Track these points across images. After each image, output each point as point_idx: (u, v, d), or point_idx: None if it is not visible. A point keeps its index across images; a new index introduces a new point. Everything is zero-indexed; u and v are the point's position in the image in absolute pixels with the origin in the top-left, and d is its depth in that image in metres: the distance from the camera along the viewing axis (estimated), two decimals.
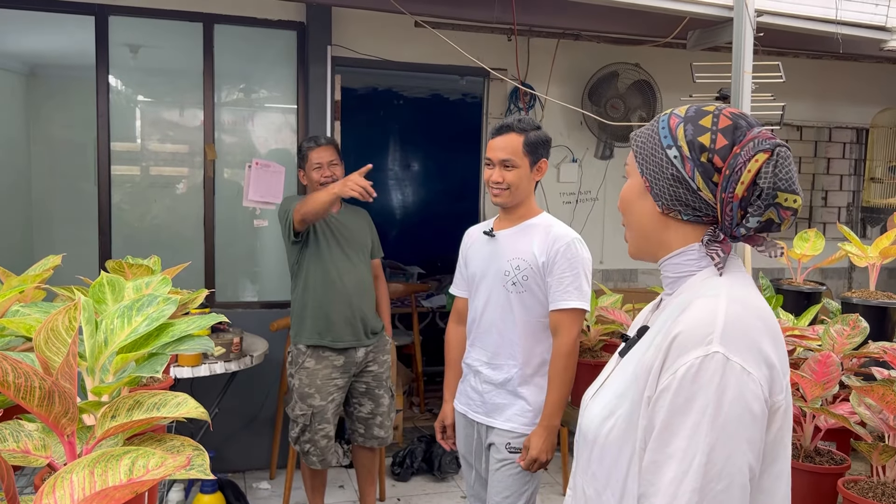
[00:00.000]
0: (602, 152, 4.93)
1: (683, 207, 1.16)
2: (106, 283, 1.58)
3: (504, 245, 2.38)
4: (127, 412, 1.15)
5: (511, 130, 2.33)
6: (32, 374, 0.98)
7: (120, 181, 4.11)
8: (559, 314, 2.30)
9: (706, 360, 1.02)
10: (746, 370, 1.03)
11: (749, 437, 1.02)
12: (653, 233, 1.22)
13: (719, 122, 1.14)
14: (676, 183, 1.15)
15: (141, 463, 0.91)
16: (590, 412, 1.23)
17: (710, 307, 1.08)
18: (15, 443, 1.08)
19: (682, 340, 1.06)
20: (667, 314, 1.16)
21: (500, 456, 2.34)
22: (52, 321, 1.11)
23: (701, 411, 1.01)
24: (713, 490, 1.00)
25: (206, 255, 4.17)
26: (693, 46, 4.00)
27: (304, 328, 3.28)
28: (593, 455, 1.19)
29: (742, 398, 1.01)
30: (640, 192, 1.21)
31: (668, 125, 1.17)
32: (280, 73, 4.30)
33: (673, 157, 1.15)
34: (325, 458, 3.32)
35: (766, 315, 1.12)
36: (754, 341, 1.06)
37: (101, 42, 3.95)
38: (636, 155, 1.22)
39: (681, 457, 1.01)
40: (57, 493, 0.84)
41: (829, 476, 1.86)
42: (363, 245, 3.40)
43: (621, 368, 1.22)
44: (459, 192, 7.00)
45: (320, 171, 3.28)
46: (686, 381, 1.03)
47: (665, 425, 1.04)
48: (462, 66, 4.32)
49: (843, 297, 2.90)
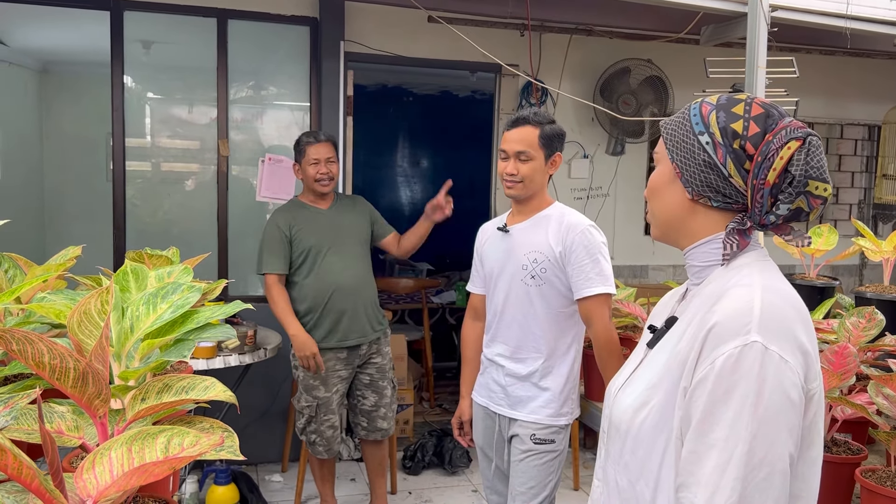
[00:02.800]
0: (613, 148, 4.93)
1: (714, 194, 1.16)
2: (130, 272, 1.60)
3: (519, 239, 2.38)
4: (157, 395, 1.16)
5: (527, 123, 2.32)
6: (68, 355, 1.00)
7: (133, 177, 4.13)
8: (587, 302, 2.29)
9: (745, 349, 1.03)
10: (784, 359, 1.03)
11: (789, 425, 1.03)
12: (680, 220, 1.22)
13: (752, 110, 1.14)
14: (708, 169, 1.15)
15: (176, 441, 0.93)
16: (621, 403, 1.23)
17: (746, 297, 1.09)
18: (49, 423, 1.10)
19: (720, 331, 1.06)
20: (698, 304, 1.16)
21: (525, 447, 2.33)
22: (84, 304, 1.13)
23: (741, 401, 1.01)
24: (756, 478, 1.00)
25: (220, 249, 4.19)
26: (706, 42, 4.00)
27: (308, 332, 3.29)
28: (626, 446, 1.19)
29: (781, 387, 1.02)
30: (669, 178, 1.21)
31: (700, 112, 1.18)
32: (293, 69, 4.32)
33: (705, 144, 1.15)
34: (331, 448, 3.35)
35: (797, 303, 1.13)
36: (790, 329, 1.06)
37: (117, 37, 3.97)
38: (666, 142, 1.22)
39: (722, 446, 1.01)
40: (97, 469, 0.86)
41: (847, 465, 1.87)
42: (359, 237, 3.39)
43: (652, 360, 1.22)
44: (469, 189, 6.98)
45: (316, 168, 3.29)
46: (725, 371, 1.03)
47: (705, 415, 1.04)
48: (474, 61, 4.33)
49: (856, 291, 2.90)
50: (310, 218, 3.34)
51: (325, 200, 3.39)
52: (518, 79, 4.57)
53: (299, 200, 3.43)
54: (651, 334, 1.27)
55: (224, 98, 4.15)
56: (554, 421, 2.34)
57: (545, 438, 2.33)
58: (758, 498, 1.00)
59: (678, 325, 1.20)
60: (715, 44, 4.01)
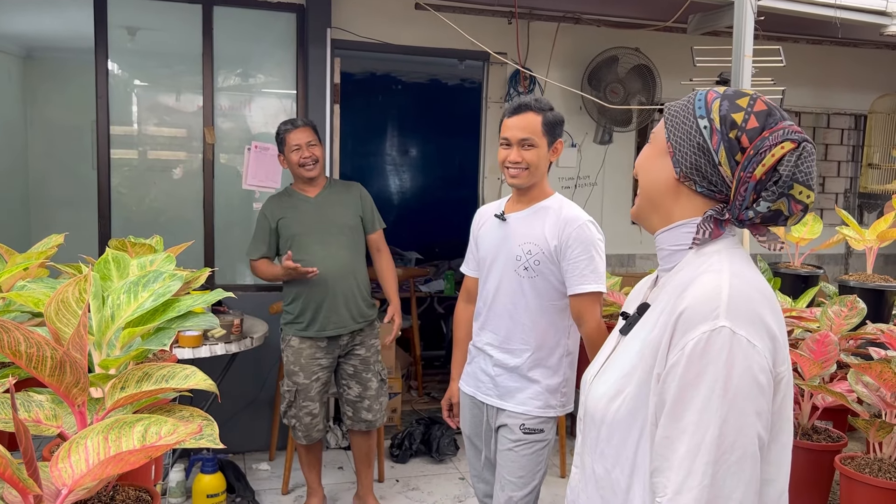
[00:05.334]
0: (601, 137, 4.93)
1: (700, 178, 1.17)
2: (111, 260, 1.59)
3: (515, 229, 2.35)
4: (136, 383, 1.16)
5: (529, 109, 2.29)
6: (44, 343, 1.00)
7: (119, 164, 4.10)
8: (579, 299, 2.28)
9: (713, 334, 1.04)
10: (752, 343, 1.05)
11: (758, 409, 1.04)
12: (662, 198, 1.23)
13: (755, 105, 1.16)
14: (700, 152, 1.17)
15: (154, 430, 0.93)
16: (595, 392, 1.24)
17: (714, 282, 1.10)
18: (26, 412, 1.09)
19: (689, 316, 1.08)
20: (669, 290, 1.18)
21: (515, 437, 2.33)
22: (62, 293, 1.12)
23: (711, 385, 1.03)
24: (727, 461, 1.02)
25: (206, 237, 4.17)
26: (693, 31, 4.00)
27: (289, 319, 3.34)
28: (601, 434, 1.20)
29: (750, 370, 1.04)
30: (660, 154, 1.22)
31: (705, 98, 1.19)
32: (279, 56, 4.29)
33: (703, 127, 1.17)
34: (309, 435, 3.36)
35: (763, 288, 1.14)
36: (757, 314, 1.08)
37: (100, 24, 3.93)
38: (667, 122, 1.23)
39: (693, 430, 1.03)
40: (72, 458, 0.86)
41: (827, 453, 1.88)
42: (345, 226, 3.35)
43: (625, 347, 1.23)
44: (458, 177, 7.00)
45: (299, 153, 3.27)
46: (695, 356, 1.05)
47: (676, 401, 1.06)
48: (462, 49, 4.32)
49: (840, 280, 2.92)
50: (295, 206, 3.33)
51: (314, 187, 3.36)
52: (506, 67, 4.56)
53: (290, 188, 3.42)
54: (624, 321, 1.28)
55: (210, 85, 4.12)
56: (543, 412, 2.33)
57: (534, 428, 2.33)
58: (730, 481, 1.02)
59: (650, 312, 1.21)
60: (702, 33, 4.01)
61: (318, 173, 3.32)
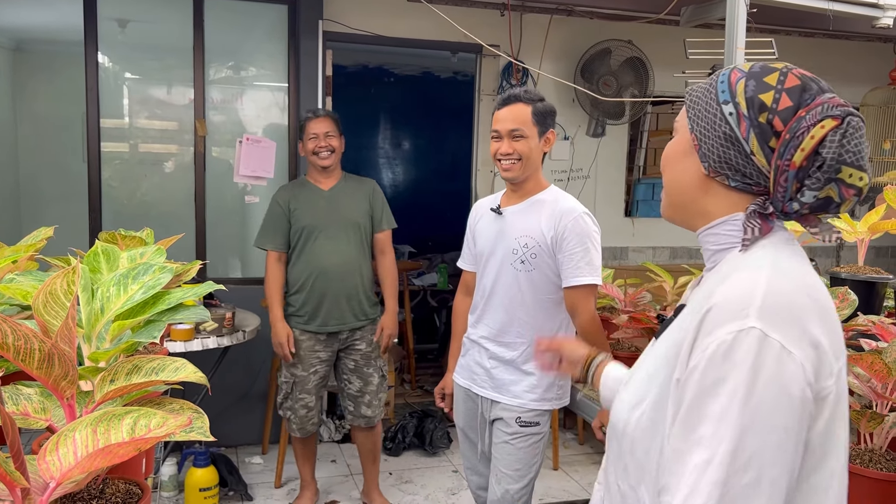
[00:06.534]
0: (594, 130, 4.92)
1: (732, 172, 1.04)
2: (101, 253, 1.58)
3: (512, 223, 2.35)
4: (126, 376, 1.15)
5: (518, 100, 2.29)
6: (32, 336, 0.99)
7: (109, 158, 4.08)
8: (573, 291, 2.27)
9: (740, 335, 0.90)
10: (787, 349, 0.90)
11: (785, 425, 0.89)
12: (693, 197, 1.09)
13: (786, 80, 1.01)
14: (728, 143, 1.02)
15: (143, 422, 0.92)
16: (619, 400, 1.12)
17: (750, 279, 0.96)
18: (14, 405, 1.08)
19: (715, 315, 0.94)
20: (705, 290, 1.04)
21: (511, 429, 2.33)
22: (50, 285, 1.11)
23: (731, 392, 0.89)
24: (738, 483, 0.88)
25: (198, 231, 4.15)
26: (686, 23, 3.99)
27: (291, 311, 3.33)
28: (623, 447, 1.07)
29: (779, 379, 0.89)
30: (685, 149, 1.09)
31: (728, 80, 1.05)
32: (271, 49, 4.27)
33: (728, 114, 1.02)
34: (304, 427, 3.36)
35: (815, 291, 0.98)
36: (798, 318, 0.93)
37: (90, 16, 3.90)
38: (688, 110, 1.10)
39: (706, 444, 0.89)
40: (60, 451, 0.85)
41: None
42: (353, 223, 3.34)
43: (653, 351, 1.12)
44: (451, 171, 6.99)
45: (315, 142, 3.27)
46: (716, 358, 0.91)
47: (691, 409, 0.92)
48: (455, 42, 4.30)
49: (831, 271, 2.92)
50: (308, 197, 3.33)
51: (329, 179, 3.35)
52: (499, 59, 4.55)
53: (304, 178, 3.43)
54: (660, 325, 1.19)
55: (201, 78, 4.10)
56: (538, 405, 2.34)
57: (530, 421, 2.33)
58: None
59: (683, 312, 1.09)
60: (694, 25, 4.00)
61: (331, 163, 3.31)
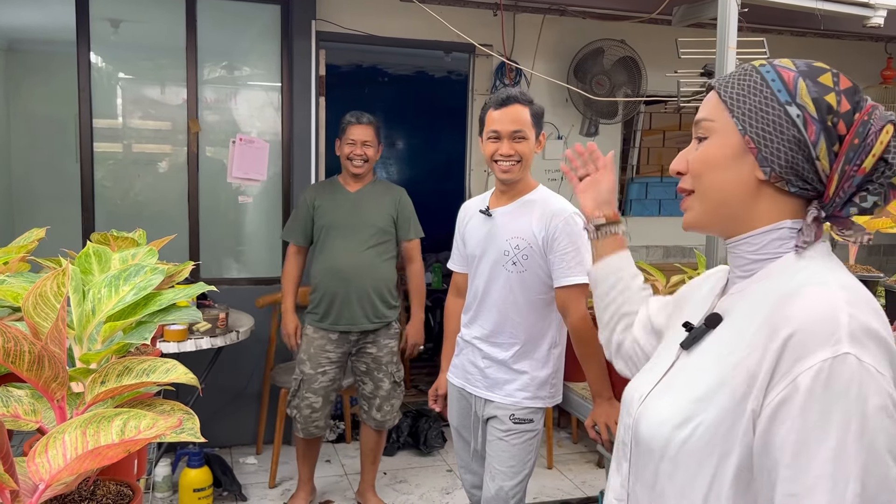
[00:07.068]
0: (587, 129, 4.93)
1: (794, 177, 0.98)
2: (92, 254, 1.58)
3: (502, 224, 2.35)
4: (116, 377, 1.15)
5: (517, 102, 2.29)
6: (22, 338, 0.99)
7: (102, 158, 4.07)
8: (565, 291, 2.27)
9: (836, 362, 0.85)
10: (881, 372, 0.86)
11: (892, 450, 0.85)
12: (740, 203, 1.02)
13: (840, 82, 0.97)
14: (796, 147, 0.96)
15: (133, 424, 0.92)
16: (652, 416, 1.04)
17: (827, 299, 0.90)
18: (5, 407, 1.08)
19: (801, 340, 0.88)
20: (756, 304, 0.98)
21: (505, 427, 2.34)
22: (40, 286, 1.11)
23: (843, 427, 0.83)
24: None
25: (191, 231, 4.15)
26: (678, 22, 4.00)
27: (309, 308, 3.41)
28: (661, 468, 1.00)
29: (885, 407, 0.85)
30: (736, 153, 1.01)
31: (781, 78, 0.98)
32: (264, 49, 4.26)
33: (795, 116, 0.96)
34: (307, 429, 3.36)
35: (872, 301, 0.95)
36: (878, 336, 0.89)
37: (82, 16, 3.90)
38: (733, 108, 1.01)
39: (830, 486, 0.83)
40: (49, 453, 0.85)
41: None
42: (375, 228, 3.35)
43: (692, 365, 1.04)
44: (444, 170, 6.99)
45: (352, 148, 3.34)
46: (816, 390, 0.85)
47: (799, 448, 0.85)
48: (448, 41, 4.30)
49: None
50: (333, 197, 3.39)
51: (358, 182, 3.41)
52: (492, 59, 4.55)
53: (335, 178, 3.50)
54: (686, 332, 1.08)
55: (194, 78, 4.09)
56: (531, 403, 2.35)
57: (524, 418, 2.35)
58: None
59: (727, 326, 1.02)
60: (686, 24, 4.01)
61: (363, 172, 3.38)
